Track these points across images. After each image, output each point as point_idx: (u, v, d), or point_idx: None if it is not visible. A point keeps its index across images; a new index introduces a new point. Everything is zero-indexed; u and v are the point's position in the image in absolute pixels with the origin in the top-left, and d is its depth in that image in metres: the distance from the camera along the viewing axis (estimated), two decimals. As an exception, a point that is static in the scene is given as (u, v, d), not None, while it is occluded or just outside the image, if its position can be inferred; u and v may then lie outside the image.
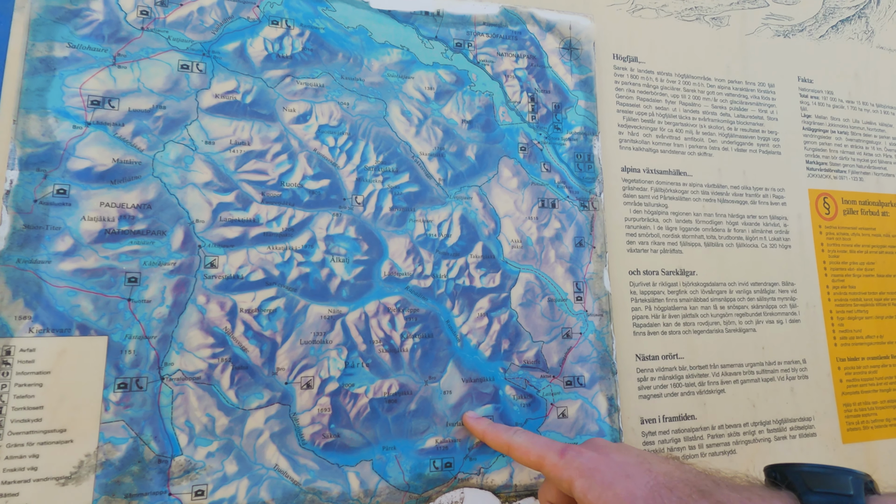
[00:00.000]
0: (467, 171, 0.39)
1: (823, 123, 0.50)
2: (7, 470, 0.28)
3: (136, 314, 0.32)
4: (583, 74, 0.43)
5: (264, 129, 0.36)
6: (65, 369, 0.30)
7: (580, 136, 0.42)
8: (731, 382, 0.43)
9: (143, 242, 0.32)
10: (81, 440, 0.29)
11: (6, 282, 0.30)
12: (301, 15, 0.38)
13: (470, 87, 0.40)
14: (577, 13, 0.44)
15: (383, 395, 0.35)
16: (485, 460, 0.36)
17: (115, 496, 0.29)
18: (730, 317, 0.44)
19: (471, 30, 0.41)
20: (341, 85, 0.38)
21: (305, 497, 0.32)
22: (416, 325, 0.36)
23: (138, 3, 0.35)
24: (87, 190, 0.32)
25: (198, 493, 0.31)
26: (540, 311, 0.39)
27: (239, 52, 0.36)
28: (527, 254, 0.39)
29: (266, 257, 0.34)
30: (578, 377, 0.38)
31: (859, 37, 0.53)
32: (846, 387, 0.46)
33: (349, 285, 0.35)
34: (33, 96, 0.32)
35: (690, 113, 0.46)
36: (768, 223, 0.46)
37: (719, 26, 0.49)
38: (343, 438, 0.34)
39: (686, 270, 0.43)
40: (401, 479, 0.34)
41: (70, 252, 0.31)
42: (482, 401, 0.36)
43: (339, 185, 0.36)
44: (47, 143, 0.32)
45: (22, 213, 0.31)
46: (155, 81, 0.34)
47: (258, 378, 0.33)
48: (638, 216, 0.43)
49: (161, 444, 0.31)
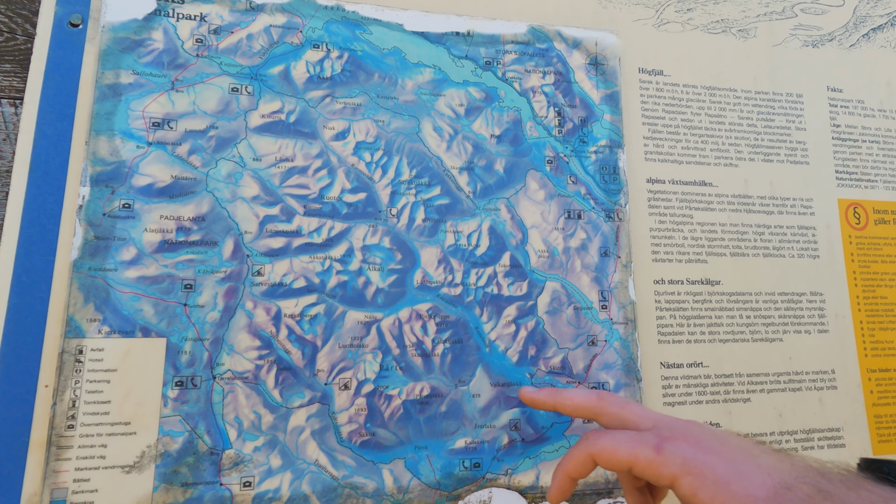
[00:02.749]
0: (496, 183, 0.41)
1: (854, 133, 0.50)
2: (80, 458, 0.31)
3: (192, 318, 0.34)
4: (608, 89, 0.44)
5: (306, 146, 0.38)
6: (129, 368, 0.33)
7: (606, 148, 0.43)
8: (758, 392, 0.43)
9: (198, 252, 0.35)
10: (143, 433, 0.32)
11: (79, 288, 0.33)
12: (340, 39, 0.40)
13: (498, 103, 0.42)
14: (602, 30, 0.45)
15: (415, 397, 0.37)
16: (512, 462, 0.37)
17: (173, 484, 0.32)
18: (756, 326, 0.44)
19: (499, 48, 0.43)
20: (377, 103, 0.40)
21: (343, 491, 0.34)
22: (447, 330, 0.38)
23: (194, 32, 0.38)
24: (148, 204, 0.35)
25: (245, 485, 0.33)
26: (566, 319, 0.40)
27: (283, 74, 0.39)
28: (553, 263, 0.41)
29: (308, 266, 0.37)
30: (603, 384, 0.40)
31: (892, 45, 0.53)
32: (877, 398, 0.46)
33: (384, 293, 0.38)
34: (102, 119, 0.35)
35: (716, 124, 0.47)
36: (796, 233, 0.47)
37: (746, 38, 0.49)
38: (378, 437, 0.36)
39: (711, 280, 0.44)
40: (432, 478, 0.36)
41: (134, 261, 0.34)
42: (509, 404, 0.38)
43: (374, 198, 0.39)
44: (114, 161, 0.35)
45: (92, 226, 0.34)
46: (208, 104, 0.37)
47: (300, 379, 0.35)
48: (663, 226, 0.44)
49: (213, 438, 0.33)
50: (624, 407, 0.31)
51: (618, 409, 0.30)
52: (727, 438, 0.27)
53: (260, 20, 0.39)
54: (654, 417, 0.29)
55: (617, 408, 0.31)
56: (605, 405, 0.31)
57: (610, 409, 0.31)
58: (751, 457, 0.25)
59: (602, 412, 0.31)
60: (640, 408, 0.31)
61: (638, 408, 0.30)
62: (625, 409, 0.30)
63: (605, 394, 0.32)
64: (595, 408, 0.31)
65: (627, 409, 0.30)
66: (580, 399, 0.32)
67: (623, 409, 0.30)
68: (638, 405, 0.31)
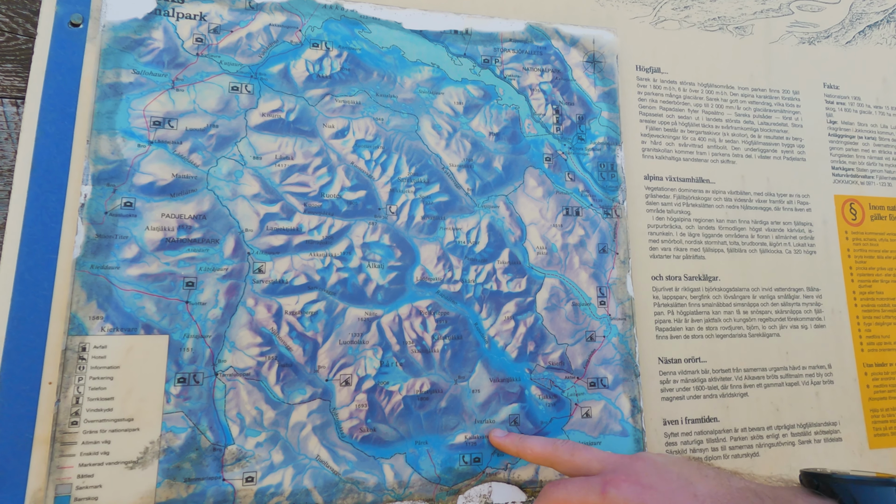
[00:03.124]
0: (494, 181, 0.41)
1: (850, 129, 0.50)
2: (84, 454, 0.32)
3: (193, 315, 0.35)
4: (606, 86, 0.45)
5: (306, 144, 0.39)
6: (132, 365, 0.33)
7: (603, 145, 0.44)
8: (755, 386, 0.44)
9: (199, 250, 0.35)
10: (146, 429, 0.33)
11: (81, 285, 0.33)
12: (339, 37, 0.40)
13: (497, 101, 0.42)
14: (600, 27, 0.45)
15: (416, 392, 0.37)
16: (511, 456, 0.38)
17: (176, 480, 0.33)
18: (753, 322, 0.45)
19: (498, 46, 0.43)
20: (376, 102, 0.40)
21: (344, 486, 0.35)
22: (447, 327, 0.38)
23: (194, 31, 0.38)
24: (150, 202, 0.35)
25: (248, 480, 0.34)
26: (564, 315, 0.40)
27: (283, 73, 0.39)
28: (552, 260, 0.41)
29: (308, 263, 0.37)
30: (602, 379, 0.40)
31: (888, 41, 0.53)
32: (873, 392, 0.46)
33: (384, 289, 0.38)
34: (103, 119, 0.35)
35: (713, 121, 0.47)
36: (793, 229, 0.47)
37: (743, 35, 0.50)
38: (379, 432, 0.36)
39: (709, 276, 0.44)
40: (432, 472, 0.36)
41: (136, 259, 0.34)
42: (509, 400, 0.38)
43: (374, 196, 0.39)
44: (116, 160, 0.35)
45: (95, 224, 0.34)
46: (209, 102, 0.37)
47: (301, 375, 0.36)
48: (661, 223, 0.44)
49: (216, 434, 0.34)
50: (573, 454, 0.33)
51: (568, 456, 0.33)
52: (668, 470, 0.29)
53: (259, 19, 0.39)
54: (601, 458, 0.32)
55: (567, 455, 0.33)
56: (558, 454, 0.33)
57: (563, 457, 0.33)
58: (688, 486, 0.27)
59: (556, 460, 0.33)
60: (589, 451, 0.33)
61: (587, 452, 0.33)
62: (574, 456, 0.32)
63: (559, 442, 0.34)
64: (551, 456, 0.34)
65: (577, 454, 0.33)
66: (539, 448, 0.34)
67: (573, 456, 0.33)
68: (587, 449, 0.33)
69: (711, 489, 0.27)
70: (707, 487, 0.27)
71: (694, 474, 0.28)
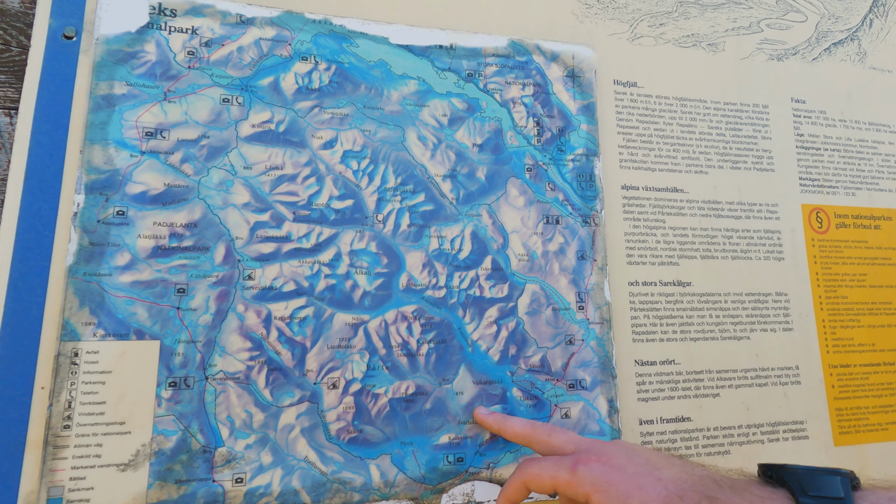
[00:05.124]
0: (478, 190, 0.43)
1: (816, 142, 0.53)
2: (76, 457, 0.32)
3: (185, 321, 0.36)
4: (585, 100, 0.46)
5: (295, 154, 0.40)
6: (124, 369, 0.34)
7: (582, 157, 0.45)
8: (726, 387, 0.46)
9: (190, 257, 0.36)
10: (138, 432, 0.34)
11: (74, 292, 0.34)
12: (328, 51, 0.42)
13: (480, 113, 0.44)
14: (579, 43, 0.47)
15: (401, 395, 0.38)
16: (494, 456, 0.39)
17: (167, 481, 0.33)
18: (725, 325, 0.47)
19: (481, 61, 0.45)
20: (364, 114, 0.42)
21: (332, 486, 0.36)
22: (431, 331, 0.40)
23: (185, 44, 0.39)
24: (142, 211, 0.36)
25: (237, 481, 0.35)
26: (545, 320, 0.42)
27: (273, 86, 0.40)
28: (533, 266, 0.43)
29: (297, 270, 0.38)
30: (581, 380, 0.42)
31: (852, 58, 0.56)
32: (838, 392, 0.48)
33: (371, 295, 0.39)
34: (97, 129, 0.36)
35: (687, 134, 0.49)
36: (762, 237, 0.49)
37: (715, 52, 0.52)
38: (365, 434, 0.37)
39: (683, 282, 0.46)
40: (417, 472, 0.38)
41: (128, 266, 0.35)
42: (491, 401, 0.40)
43: (361, 205, 0.40)
44: (108, 170, 0.36)
45: (87, 232, 0.35)
46: (200, 114, 0.38)
47: (290, 379, 0.37)
48: (637, 231, 0.46)
49: (206, 437, 0.35)
50: (551, 434, 0.35)
51: (545, 436, 0.35)
52: (637, 455, 0.31)
53: (250, 33, 0.40)
54: (576, 441, 0.33)
55: (545, 436, 0.35)
56: (536, 434, 0.35)
57: (540, 438, 0.35)
58: (654, 470, 0.29)
59: (534, 440, 0.35)
60: (566, 433, 0.35)
61: (563, 434, 0.34)
62: (551, 437, 0.34)
63: (538, 424, 0.36)
64: (529, 436, 0.36)
65: (554, 435, 0.34)
66: (518, 427, 0.36)
67: (550, 437, 0.34)
68: (564, 432, 0.35)
69: (675, 474, 0.29)
70: (671, 473, 0.29)
71: (661, 461, 0.30)
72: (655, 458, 0.31)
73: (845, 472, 0.27)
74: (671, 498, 0.27)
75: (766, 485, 0.27)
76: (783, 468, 0.27)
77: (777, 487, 0.27)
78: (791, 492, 0.26)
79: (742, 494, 0.27)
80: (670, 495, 0.27)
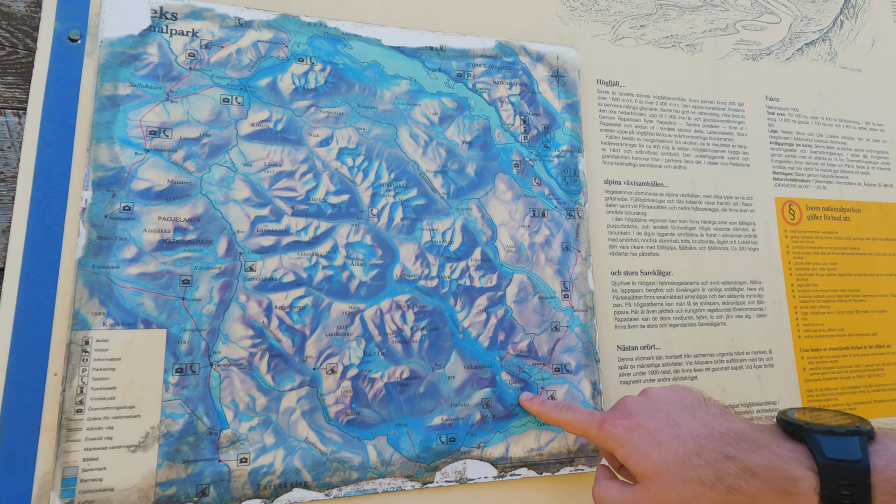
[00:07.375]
0: (468, 185, 0.45)
1: (789, 138, 0.56)
2: (89, 439, 0.34)
3: (189, 311, 0.38)
4: (569, 99, 0.49)
5: (293, 152, 0.42)
6: (132, 357, 0.36)
7: (567, 153, 0.48)
8: (703, 370, 0.48)
9: (194, 250, 0.38)
10: (147, 415, 0.35)
11: (84, 284, 0.36)
12: (323, 53, 0.44)
13: (469, 112, 0.46)
14: (564, 45, 0.50)
15: (396, 379, 0.41)
16: (484, 436, 0.41)
17: (175, 462, 0.35)
18: (702, 312, 0.49)
19: (470, 62, 0.47)
20: (358, 113, 0.44)
21: (331, 465, 0.38)
22: (424, 319, 0.42)
23: (186, 46, 0.41)
24: (147, 206, 0.38)
25: (242, 461, 0.37)
26: (532, 308, 0.44)
27: (271, 86, 0.42)
28: (520, 257, 0.45)
29: (296, 262, 0.40)
30: (566, 365, 0.44)
31: (823, 58, 0.59)
32: (809, 374, 0.51)
33: (366, 285, 0.41)
34: (102, 128, 0.38)
35: (667, 130, 0.52)
36: (738, 228, 0.52)
37: (693, 52, 0.54)
38: (362, 416, 0.39)
39: (662, 271, 0.49)
40: (412, 452, 0.40)
41: (134, 259, 0.37)
42: (481, 385, 0.42)
43: (357, 200, 0.42)
44: (115, 167, 0.38)
45: (95, 227, 0.37)
46: (201, 113, 0.40)
47: (291, 364, 0.39)
48: (619, 223, 0.49)
49: (211, 419, 0.37)
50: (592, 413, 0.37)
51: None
52: (659, 410, 0.33)
53: (248, 36, 0.42)
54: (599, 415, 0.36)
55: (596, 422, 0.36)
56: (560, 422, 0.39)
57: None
58: (672, 427, 0.31)
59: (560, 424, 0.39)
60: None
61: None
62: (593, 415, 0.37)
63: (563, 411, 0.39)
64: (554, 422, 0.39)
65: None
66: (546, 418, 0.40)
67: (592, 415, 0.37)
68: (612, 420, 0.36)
69: (694, 429, 0.30)
70: (690, 427, 0.30)
71: (682, 414, 0.32)
72: (677, 412, 0.32)
73: (864, 430, 0.27)
74: (689, 455, 0.29)
75: (785, 440, 0.28)
76: (802, 428, 0.28)
77: (797, 443, 0.28)
78: (810, 450, 0.27)
79: (760, 452, 0.27)
80: (688, 452, 0.29)
